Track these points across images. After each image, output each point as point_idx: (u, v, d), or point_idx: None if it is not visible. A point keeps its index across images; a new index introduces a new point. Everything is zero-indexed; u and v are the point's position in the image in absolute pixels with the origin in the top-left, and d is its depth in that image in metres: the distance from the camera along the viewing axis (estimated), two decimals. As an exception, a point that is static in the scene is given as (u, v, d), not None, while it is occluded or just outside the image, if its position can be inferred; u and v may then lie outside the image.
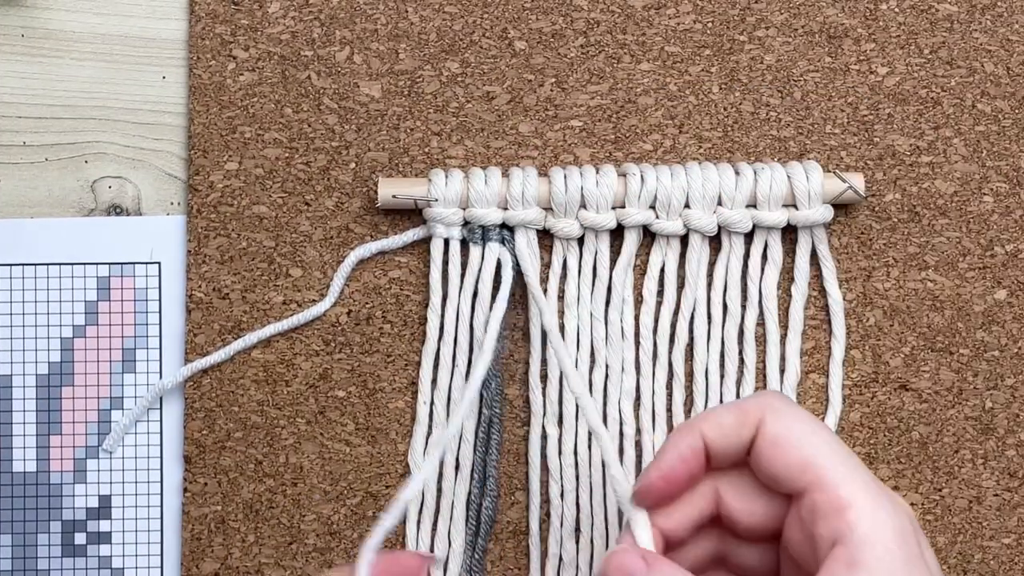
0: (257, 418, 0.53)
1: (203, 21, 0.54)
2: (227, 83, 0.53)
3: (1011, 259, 0.54)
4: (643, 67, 0.54)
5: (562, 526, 0.53)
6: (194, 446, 0.53)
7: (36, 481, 0.53)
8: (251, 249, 0.53)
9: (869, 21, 0.54)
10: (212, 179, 0.53)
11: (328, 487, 0.53)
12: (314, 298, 0.53)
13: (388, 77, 0.54)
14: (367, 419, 0.53)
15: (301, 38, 0.54)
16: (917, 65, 0.54)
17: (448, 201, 0.52)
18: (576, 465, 0.53)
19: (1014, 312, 0.54)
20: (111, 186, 0.54)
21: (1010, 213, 0.54)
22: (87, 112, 0.54)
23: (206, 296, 0.53)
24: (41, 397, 0.53)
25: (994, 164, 0.54)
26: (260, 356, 0.53)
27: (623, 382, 0.52)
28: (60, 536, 0.53)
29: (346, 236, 0.53)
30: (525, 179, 0.52)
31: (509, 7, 0.54)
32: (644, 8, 0.54)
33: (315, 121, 0.53)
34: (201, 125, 0.53)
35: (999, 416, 0.53)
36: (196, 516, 0.53)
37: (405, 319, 0.53)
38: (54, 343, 0.53)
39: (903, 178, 0.54)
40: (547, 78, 0.54)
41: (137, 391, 0.53)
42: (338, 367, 0.53)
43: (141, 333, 0.53)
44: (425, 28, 0.54)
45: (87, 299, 0.53)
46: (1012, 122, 0.54)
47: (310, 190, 0.53)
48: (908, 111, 0.54)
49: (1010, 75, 0.54)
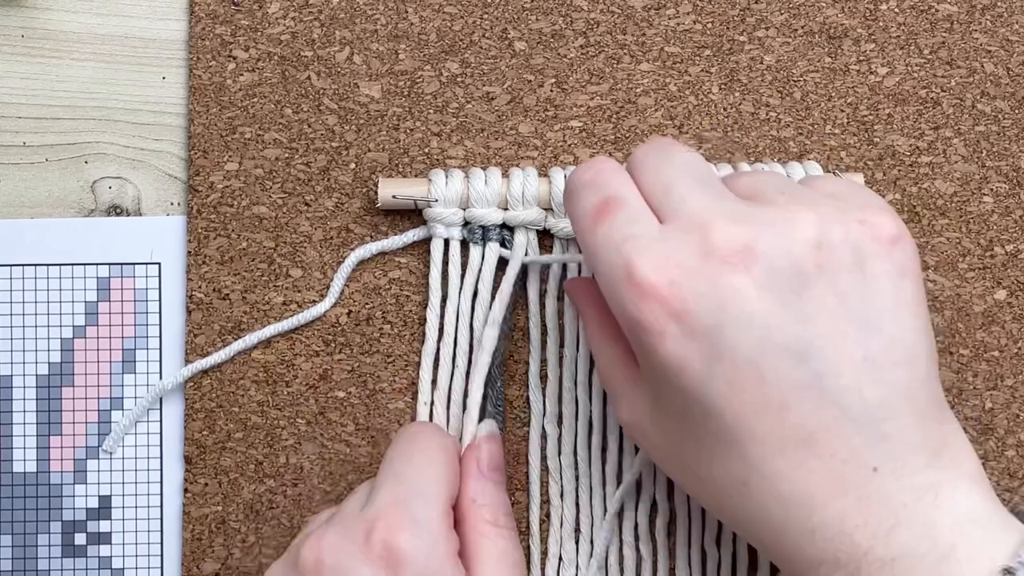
0: (257, 419, 0.53)
1: (203, 22, 0.54)
2: (227, 83, 0.53)
3: (1011, 259, 0.54)
4: (643, 67, 0.54)
5: (562, 526, 0.53)
6: (194, 446, 0.53)
7: (36, 481, 0.53)
8: (251, 250, 0.53)
9: (869, 21, 0.54)
10: (212, 180, 0.53)
11: (328, 487, 0.53)
12: (314, 299, 0.53)
13: (388, 77, 0.54)
14: (367, 420, 0.53)
15: (301, 39, 0.54)
16: (917, 65, 0.54)
17: (448, 201, 0.52)
18: (576, 465, 0.53)
19: (1014, 312, 0.54)
20: (111, 186, 0.54)
21: (1010, 213, 0.54)
22: (87, 112, 0.54)
23: (206, 297, 0.53)
24: (41, 397, 0.53)
25: (994, 164, 0.54)
26: (260, 357, 0.53)
27: (623, 382, 0.53)
28: (60, 536, 0.53)
29: (346, 236, 0.53)
30: (525, 179, 0.52)
31: (509, 7, 0.54)
32: (644, 8, 0.54)
33: (315, 121, 0.53)
34: (201, 125, 0.53)
35: (999, 416, 0.53)
36: (196, 516, 0.53)
37: (405, 319, 0.53)
38: (54, 343, 0.53)
39: (903, 178, 0.54)
40: (547, 78, 0.54)
41: (137, 391, 0.53)
42: (338, 368, 0.53)
43: (141, 334, 0.53)
44: (425, 28, 0.54)
45: (87, 299, 0.53)
46: (1012, 122, 0.54)
47: (310, 191, 0.53)
48: (908, 111, 0.54)
49: (1010, 75, 0.54)
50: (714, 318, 0.39)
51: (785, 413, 0.39)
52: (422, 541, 0.43)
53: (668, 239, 0.40)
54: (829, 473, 0.39)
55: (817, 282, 0.40)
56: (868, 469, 0.39)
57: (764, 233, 0.40)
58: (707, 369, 0.39)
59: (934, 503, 0.38)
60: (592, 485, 0.52)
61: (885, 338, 0.40)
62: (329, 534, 0.43)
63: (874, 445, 0.39)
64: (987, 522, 0.38)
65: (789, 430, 0.39)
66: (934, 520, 0.38)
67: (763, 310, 0.39)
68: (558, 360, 0.53)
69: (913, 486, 0.39)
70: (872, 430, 0.39)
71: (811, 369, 0.39)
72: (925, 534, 0.38)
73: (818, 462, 0.39)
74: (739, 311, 0.39)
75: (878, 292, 0.40)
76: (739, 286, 0.39)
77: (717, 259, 0.39)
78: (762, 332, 0.39)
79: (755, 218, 0.40)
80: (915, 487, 0.39)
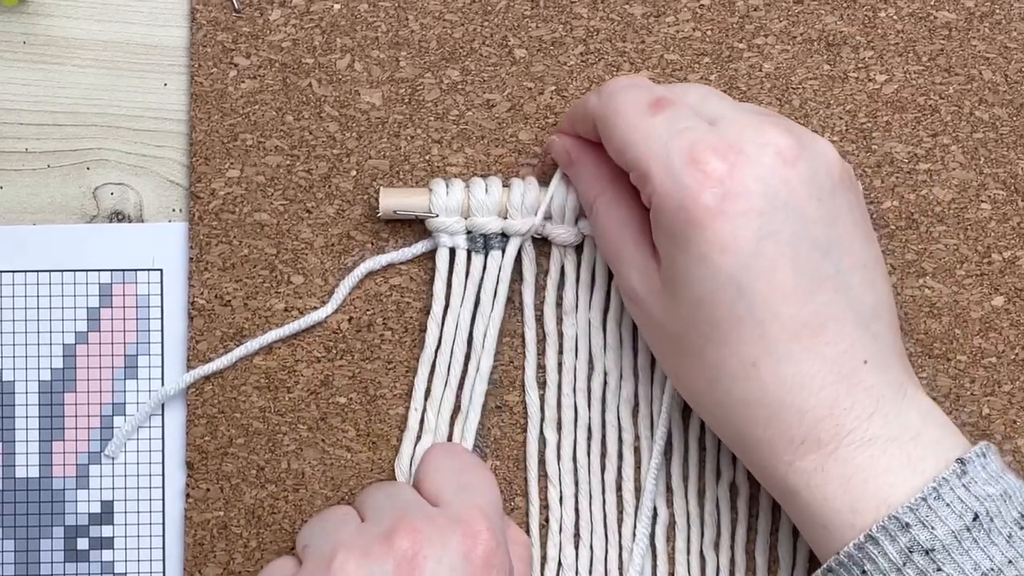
0: (259, 424, 0.53)
1: (205, 28, 0.54)
2: (228, 90, 0.54)
3: (1008, 266, 0.54)
4: (643, 75, 0.54)
5: (561, 531, 0.53)
6: (196, 452, 0.53)
7: (39, 487, 0.53)
8: (253, 256, 0.53)
9: (867, 29, 0.54)
10: (214, 186, 0.53)
11: (330, 493, 0.53)
12: (315, 305, 0.53)
13: (389, 85, 0.54)
14: (368, 425, 0.53)
15: (302, 46, 0.54)
16: (915, 73, 0.54)
17: (450, 211, 0.52)
18: (575, 470, 0.53)
19: (1011, 319, 0.54)
20: (113, 193, 0.54)
21: (1007, 220, 0.54)
22: (89, 119, 0.54)
23: (208, 303, 0.53)
24: (43, 403, 0.53)
25: (992, 171, 0.54)
26: (262, 363, 0.53)
27: (622, 389, 0.53)
28: (63, 542, 0.53)
29: (347, 243, 0.53)
30: (525, 188, 0.52)
31: (509, 15, 0.54)
32: (643, 16, 0.54)
33: (316, 129, 0.54)
34: (203, 132, 0.53)
35: (996, 422, 0.54)
36: (198, 522, 0.53)
37: (406, 326, 0.53)
38: (56, 349, 0.53)
39: (901, 185, 0.54)
40: (547, 86, 0.54)
41: (139, 397, 0.53)
42: (339, 374, 0.53)
43: (143, 339, 0.54)
44: (425, 36, 0.54)
45: (89, 306, 0.54)
46: (1010, 129, 0.54)
47: (311, 197, 0.53)
48: (906, 118, 0.54)
49: (1008, 82, 0.54)
50: (767, 202, 0.44)
51: (807, 299, 0.44)
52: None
53: (726, 133, 0.45)
54: (829, 360, 0.45)
55: (836, 192, 0.46)
56: (860, 361, 0.45)
57: (804, 141, 0.46)
58: (753, 247, 0.44)
59: (905, 397, 0.45)
60: (591, 491, 0.53)
61: (874, 252, 0.47)
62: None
63: (867, 341, 0.45)
64: (943, 420, 0.46)
65: (808, 315, 0.44)
66: (906, 410, 0.45)
67: (804, 204, 0.45)
68: (557, 366, 0.53)
69: (889, 381, 0.45)
70: (866, 328, 0.45)
71: (833, 264, 0.45)
72: (897, 421, 0.45)
73: (824, 348, 0.44)
74: (787, 199, 0.45)
75: (866, 215, 0.48)
76: (790, 178, 0.45)
77: (772, 152, 0.45)
78: (801, 222, 0.45)
79: (791, 129, 0.46)
80: (891, 382, 0.45)
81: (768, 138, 0.45)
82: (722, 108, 0.47)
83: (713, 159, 0.45)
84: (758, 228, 0.44)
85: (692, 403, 0.48)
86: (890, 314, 0.47)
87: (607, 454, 0.53)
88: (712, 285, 0.45)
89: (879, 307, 0.46)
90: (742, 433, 0.46)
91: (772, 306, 0.44)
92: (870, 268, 0.46)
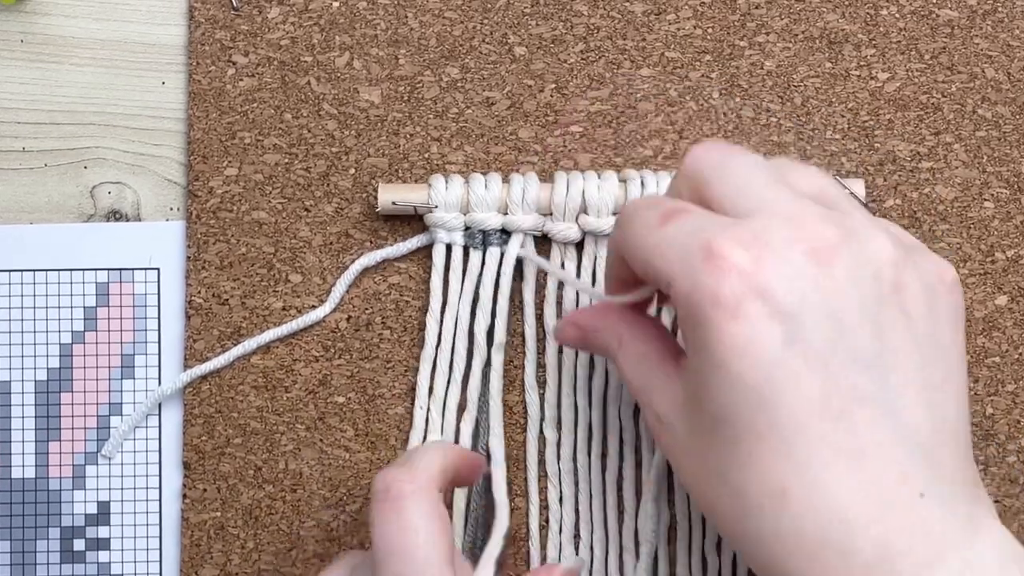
0: (256, 424, 0.53)
1: (203, 26, 0.53)
2: (227, 88, 0.53)
3: (1012, 265, 0.54)
4: (643, 73, 0.54)
5: (561, 531, 0.53)
6: (193, 452, 0.53)
7: (35, 487, 0.53)
8: (250, 255, 0.53)
9: (870, 26, 0.54)
10: (212, 185, 0.53)
11: (328, 493, 0.53)
12: (313, 304, 0.53)
13: (388, 83, 0.53)
14: (367, 425, 0.53)
15: (301, 44, 0.53)
16: (918, 71, 0.54)
17: (449, 206, 0.52)
18: (575, 471, 0.53)
19: (1015, 318, 0.53)
20: (110, 192, 0.54)
21: (1011, 219, 0.54)
22: (86, 117, 0.54)
23: (205, 302, 0.53)
24: (40, 403, 0.53)
25: (995, 170, 0.54)
26: (259, 362, 0.53)
27: (622, 389, 0.52)
28: (59, 542, 0.53)
29: (346, 242, 0.53)
30: (526, 183, 0.52)
31: (509, 12, 0.54)
32: (644, 14, 0.54)
33: (315, 127, 0.53)
34: (201, 131, 0.53)
35: (1000, 422, 0.53)
36: (195, 522, 0.53)
37: (405, 325, 0.53)
38: (53, 349, 0.53)
39: (904, 184, 0.54)
40: (547, 84, 0.54)
41: (136, 397, 0.53)
42: (337, 373, 0.53)
43: (140, 339, 0.53)
44: (425, 34, 0.54)
45: (86, 305, 0.53)
46: (1013, 128, 0.54)
47: (310, 196, 0.53)
48: (909, 117, 0.54)
49: (1011, 80, 0.54)
50: (796, 303, 0.38)
51: (841, 417, 0.38)
52: None
53: (751, 225, 0.39)
54: (873, 493, 0.38)
55: (891, 300, 0.40)
56: (915, 494, 0.38)
57: (852, 238, 0.39)
58: (778, 353, 0.38)
59: (977, 534, 0.38)
60: (592, 490, 0.52)
61: (943, 371, 0.40)
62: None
63: (923, 470, 0.38)
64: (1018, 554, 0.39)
65: (842, 438, 0.38)
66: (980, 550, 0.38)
67: (842, 308, 0.38)
68: (557, 365, 0.53)
69: (956, 515, 0.38)
70: (923, 455, 0.39)
71: (875, 381, 0.39)
72: (969, 569, 0.38)
73: (865, 479, 0.38)
74: (821, 302, 0.38)
75: (940, 328, 0.40)
76: (825, 279, 0.39)
77: (806, 249, 0.39)
78: (838, 330, 0.38)
79: (841, 223, 0.40)
80: (957, 516, 0.38)
81: (806, 232, 0.39)
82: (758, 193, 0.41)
83: (735, 251, 0.38)
84: (783, 332, 0.38)
85: (724, 536, 0.42)
86: (957, 440, 0.40)
87: (607, 454, 0.52)
88: (731, 396, 0.39)
89: (942, 433, 0.39)
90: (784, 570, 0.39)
91: (799, 422, 0.38)
92: (932, 389, 0.39)
